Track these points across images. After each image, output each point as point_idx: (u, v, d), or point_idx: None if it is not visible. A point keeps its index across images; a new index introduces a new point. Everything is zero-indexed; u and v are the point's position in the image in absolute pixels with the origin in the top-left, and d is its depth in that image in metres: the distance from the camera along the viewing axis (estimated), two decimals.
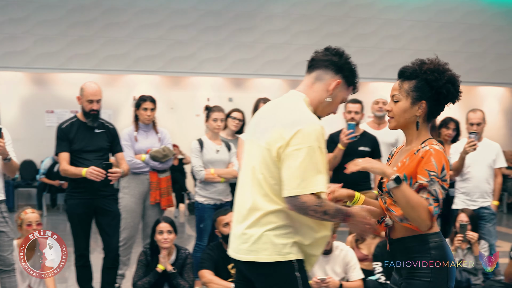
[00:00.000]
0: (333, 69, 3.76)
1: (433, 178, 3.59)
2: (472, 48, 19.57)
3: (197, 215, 8.25)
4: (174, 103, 18.06)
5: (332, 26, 18.58)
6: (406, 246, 3.77)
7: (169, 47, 17.67)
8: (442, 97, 3.74)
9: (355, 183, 8.21)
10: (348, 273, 7.40)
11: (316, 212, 3.52)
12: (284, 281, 3.58)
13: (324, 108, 3.79)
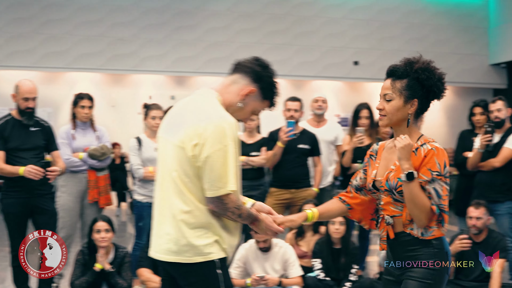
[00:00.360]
0: (251, 77, 3.77)
1: (434, 177, 3.65)
2: (413, 47, 19.62)
3: (136, 213, 8.23)
4: (115, 101, 18.00)
5: (274, 25, 18.65)
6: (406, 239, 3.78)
7: (110, 44, 17.56)
8: (431, 94, 3.79)
9: (294, 180, 8.32)
10: (288, 270, 7.44)
11: (233, 213, 3.60)
12: (206, 279, 3.60)
13: (234, 112, 3.77)
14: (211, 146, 3.52)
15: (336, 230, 7.54)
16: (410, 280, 3.74)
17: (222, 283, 3.61)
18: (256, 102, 3.82)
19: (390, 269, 3.94)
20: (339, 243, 7.62)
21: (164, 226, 3.68)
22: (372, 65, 19.42)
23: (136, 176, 8.09)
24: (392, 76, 3.82)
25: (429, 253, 3.73)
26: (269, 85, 3.81)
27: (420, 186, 3.66)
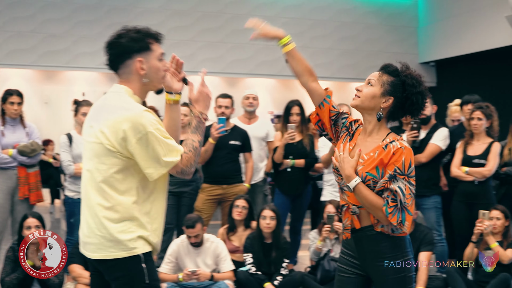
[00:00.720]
0: (125, 56, 3.70)
1: (396, 175, 3.73)
2: (345, 45, 19.98)
3: (67, 210, 8.18)
4: (48, 97, 17.82)
5: (207, 23, 18.67)
6: (372, 234, 3.86)
7: (42, 40, 17.35)
8: (408, 103, 3.88)
9: (226, 176, 8.36)
10: (219, 265, 7.50)
11: (192, 166, 3.62)
12: (131, 273, 3.60)
13: (150, 86, 3.79)
14: (134, 138, 3.51)
15: (267, 225, 7.61)
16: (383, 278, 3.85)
17: (147, 277, 3.62)
18: (151, 58, 3.73)
19: (349, 259, 4.01)
20: (270, 238, 7.69)
21: (89, 223, 3.67)
22: None
23: (67, 173, 8.03)
24: (384, 69, 3.94)
25: (395, 251, 3.82)
26: (135, 40, 3.68)
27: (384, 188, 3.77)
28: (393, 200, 3.72)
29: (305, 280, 7.66)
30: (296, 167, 8.45)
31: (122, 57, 3.70)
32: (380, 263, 3.83)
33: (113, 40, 3.71)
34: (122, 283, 3.62)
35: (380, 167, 3.78)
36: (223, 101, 8.44)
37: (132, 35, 3.69)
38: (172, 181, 8.29)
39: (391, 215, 3.71)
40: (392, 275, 3.80)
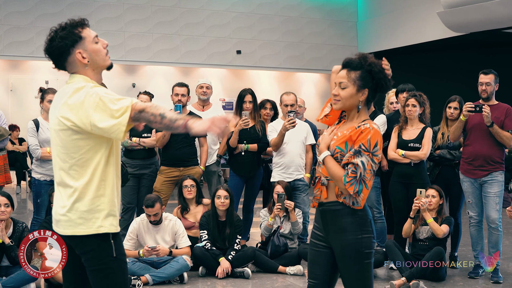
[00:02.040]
0: (64, 53, 3.60)
1: (360, 151, 3.76)
2: (290, 38, 20.07)
3: (33, 190, 8.06)
4: (13, 85, 17.65)
5: (163, 16, 18.64)
6: (336, 209, 3.87)
7: (7, 32, 17.20)
8: (379, 87, 3.91)
9: (182, 159, 8.39)
10: (177, 241, 7.51)
11: (155, 116, 3.43)
12: (100, 248, 3.57)
13: (97, 67, 3.68)
14: (91, 108, 3.43)
15: (221, 204, 7.63)
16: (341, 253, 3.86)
17: (115, 251, 3.58)
18: (89, 47, 3.62)
19: (317, 233, 4.03)
20: (224, 216, 7.71)
21: (60, 203, 3.63)
22: (253, 54, 19.65)
23: (34, 156, 7.89)
24: (347, 67, 3.92)
25: (356, 227, 3.83)
26: (66, 37, 3.55)
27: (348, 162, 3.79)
28: (353, 172, 3.74)
29: (256, 254, 7.69)
30: (249, 151, 8.48)
31: (63, 57, 3.61)
32: (341, 237, 3.84)
33: (47, 46, 3.63)
34: (91, 257, 3.59)
35: (349, 142, 3.81)
36: (179, 89, 8.40)
37: (61, 34, 3.59)
38: (132, 164, 8.37)
39: (349, 184, 3.74)
40: (352, 249, 3.82)
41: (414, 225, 7.40)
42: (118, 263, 3.61)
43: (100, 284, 3.61)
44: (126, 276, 3.70)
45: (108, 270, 3.58)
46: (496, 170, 7.30)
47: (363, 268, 3.84)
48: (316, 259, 4.00)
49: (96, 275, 3.60)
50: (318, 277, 3.97)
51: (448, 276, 7.45)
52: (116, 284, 3.62)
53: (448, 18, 16.03)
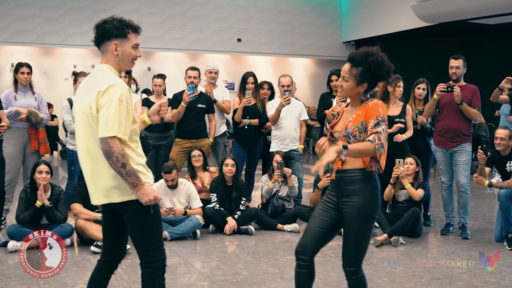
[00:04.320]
0: (105, 38, 3.63)
1: (379, 122, 3.74)
2: (283, 28, 19.98)
3: (68, 159, 8.08)
4: (46, 69, 17.59)
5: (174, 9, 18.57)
6: (352, 175, 3.82)
7: (40, 23, 17.13)
8: (378, 80, 3.87)
9: (194, 132, 8.40)
10: (191, 203, 7.49)
11: (117, 160, 3.43)
12: (139, 207, 3.55)
13: (121, 66, 3.69)
14: (103, 99, 3.45)
15: (229, 171, 7.61)
16: (350, 212, 3.80)
17: (152, 208, 3.58)
18: (126, 44, 3.66)
19: (330, 197, 3.96)
20: (231, 181, 7.68)
21: (94, 177, 3.61)
22: (252, 42, 19.59)
23: (68, 130, 7.92)
24: (351, 62, 3.87)
25: (368, 190, 3.80)
26: (116, 28, 3.62)
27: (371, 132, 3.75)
28: (378, 139, 3.72)
29: (258, 214, 7.68)
30: (251, 125, 8.49)
31: (103, 38, 3.64)
32: (354, 199, 3.79)
33: (99, 24, 3.67)
34: (132, 215, 3.60)
35: (363, 120, 3.79)
36: (192, 72, 8.37)
37: (115, 23, 3.64)
38: (151, 136, 8.36)
39: (378, 152, 3.72)
40: (359, 211, 3.77)
41: (394, 189, 7.38)
42: (154, 218, 3.63)
43: (139, 236, 3.64)
44: (161, 229, 3.72)
45: (146, 225, 3.60)
46: (465, 141, 7.30)
47: (365, 230, 3.81)
48: (320, 216, 3.94)
49: (136, 228, 3.62)
50: (315, 231, 3.92)
51: (423, 233, 7.46)
52: (153, 236, 3.64)
53: (420, 11, 15.96)
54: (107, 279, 3.91)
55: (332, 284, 5.28)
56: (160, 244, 3.67)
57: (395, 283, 5.41)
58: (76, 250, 6.72)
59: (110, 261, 3.88)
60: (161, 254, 3.66)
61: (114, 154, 3.42)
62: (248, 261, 6.22)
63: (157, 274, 3.64)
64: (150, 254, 3.63)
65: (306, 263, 3.95)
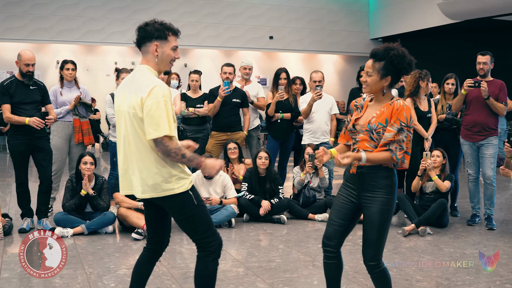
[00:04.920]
0: (147, 39, 3.64)
1: (403, 128, 3.70)
2: (313, 26, 19.89)
3: (111, 151, 8.17)
4: (89, 66, 17.75)
5: (210, 8, 18.65)
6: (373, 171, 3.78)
7: (84, 22, 17.34)
8: (400, 73, 3.81)
9: (229, 126, 8.41)
10: (226, 193, 7.48)
11: (176, 154, 3.49)
12: (182, 201, 3.58)
13: (160, 66, 3.69)
14: (148, 101, 3.45)
15: (262, 163, 7.61)
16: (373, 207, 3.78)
17: (195, 199, 3.60)
18: (165, 46, 3.67)
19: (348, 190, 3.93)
20: (264, 173, 7.68)
21: (139, 173, 3.59)
22: (283, 39, 19.54)
23: (111, 123, 8.06)
24: (373, 57, 3.83)
25: (389, 186, 3.77)
26: (158, 30, 3.63)
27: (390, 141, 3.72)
28: (400, 149, 3.71)
29: (291, 204, 7.67)
30: (284, 119, 8.44)
31: (145, 40, 3.66)
32: (376, 196, 3.77)
33: (142, 26, 3.69)
34: (177, 209, 3.62)
35: (388, 118, 3.74)
36: (227, 69, 8.37)
37: (156, 25, 3.66)
38: (188, 129, 8.39)
39: (401, 160, 3.72)
40: (380, 206, 3.75)
41: (421, 181, 7.30)
42: (200, 208, 3.64)
43: (191, 227, 3.67)
44: (209, 216, 3.70)
45: (195, 216, 3.62)
46: (491, 135, 7.19)
47: (385, 223, 3.78)
48: (340, 208, 3.92)
49: (185, 221, 3.66)
50: (337, 223, 3.92)
51: (449, 223, 7.37)
52: (204, 224, 3.65)
53: (446, 8, 15.76)
54: (152, 265, 3.94)
55: (362, 272, 5.24)
56: (213, 229, 3.69)
57: (423, 272, 5.35)
58: (118, 237, 6.77)
59: (155, 249, 3.91)
60: (216, 238, 3.68)
61: (172, 151, 3.47)
62: (280, 248, 6.21)
63: (212, 257, 3.66)
64: (206, 240, 3.65)
65: (334, 254, 3.97)
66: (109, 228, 6.88)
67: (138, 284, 3.90)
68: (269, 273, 5.29)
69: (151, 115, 3.45)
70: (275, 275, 5.24)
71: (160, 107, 3.45)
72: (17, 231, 6.86)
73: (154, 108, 3.45)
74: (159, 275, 5.19)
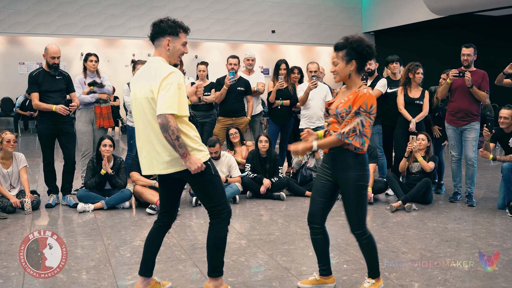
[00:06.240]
0: (160, 34, 3.64)
1: (360, 112, 3.66)
2: (311, 21, 19.72)
3: (128, 134, 8.13)
4: (109, 57, 17.68)
5: (218, 5, 18.46)
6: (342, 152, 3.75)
7: (105, 18, 17.25)
8: (363, 56, 3.77)
9: (234, 111, 8.36)
10: (231, 172, 7.44)
11: (173, 133, 3.42)
12: (202, 172, 3.55)
13: (171, 59, 3.68)
14: (165, 82, 3.45)
15: (263, 146, 7.56)
16: (346, 184, 3.76)
17: (212, 169, 3.63)
18: (176, 42, 3.67)
19: (325, 170, 3.91)
20: (265, 154, 7.63)
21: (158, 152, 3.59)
22: (284, 33, 19.39)
23: (128, 110, 8.09)
24: (336, 49, 3.81)
25: (358, 165, 3.74)
26: (171, 27, 3.65)
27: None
28: (353, 131, 3.65)
29: (289, 182, 7.62)
30: (284, 105, 8.37)
31: (158, 34, 3.67)
32: (347, 173, 3.75)
33: (156, 22, 3.69)
34: (197, 179, 3.62)
35: (351, 104, 3.70)
36: (232, 60, 8.31)
37: (169, 23, 3.67)
38: (198, 114, 8.33)
39: (354, 140, 3.66)
40: (354, 182, 3.73)
41: (408, 162, 7.23)
42: (216, 178, 3.67)
43: (208, 194, 3.67)
44: (223, 186, 3.71)
45: (212, 184, 3.64)
46: (474, 120, 7.08)
47: (361, 196, 3.77)
48: (320, 188, 3.92)
49: (204, 189, 3.66)
50: (318, 201, 3.92)
51: (433, 200, 7.32)
52: (219, 192, 3.68)
53: (432, 4, 15.58)
54: (162, 237, 3.94)
55: (353, 244, 5.19)
56: (225, 198, 3.71)
57: (408, 244, 5.30)
58: (134, 211, 6.74)
59: (165, 223, 3.91)
60: (227, 207, 3.71)
61: (171, 128, 3.40)
62: (280, 223, 6.16)
63: (224, 224, 3.69)
64: (219, 208, 3.67)
65: (319, 229, 3.98)
66: (126, 203, 6.87)
67: (151, 254, 3.91)
68: (269, 245, 5.24)
69: (163, 94, 3.44)
70: (274, 247, 5.19)
71: (173, 88, 3.44)
72: (44, 206, 6.88)
73: (167, 87, 3.44)
74: (170, 246, 5.16)
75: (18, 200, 6.55)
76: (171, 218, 3.93)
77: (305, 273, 4.43)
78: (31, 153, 11.67)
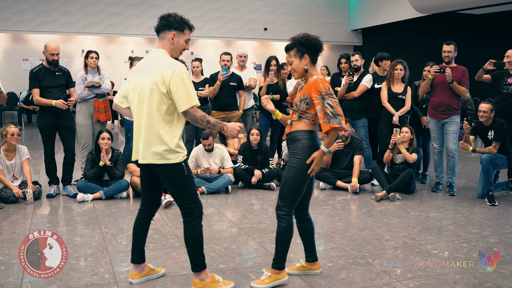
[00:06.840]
0: (166, 28, 3.64)
1: (323, 96, 3.65)
2: (302, 19, 19.65)
3: (126, 127, 8.09)
4: (109, 54, 17.59)
5: (213, 4, 18.36)
6: (293, 137, 3.78)
7: (105, 17, 17.11)
8: (313, 48, 3.77)
9: (227, 105, 8.33)
10: (224, 163, 7.42)
11: (202, 121, 3.54)
12: (175, 169, 3.57)
13: (173, 53, 3.69)
14: (175, 81, 3.46)
15: (254, 139, 7.53)
16: (289, 165, 3.78)
17: (186, 170, 3.60)
18: (181, 37, 3.67)
19: None
20: (256, 146, 7.60)
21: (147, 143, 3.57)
22: (276, 31, 19.30)
23: None
24: (287, 50, 3.84)
25: (305, 149, 3.73)
26: (178, 22, 3.65)
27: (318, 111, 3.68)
28: (325, 114, 3.66)
29: (279, 173, 7.57)
30: (274, 100, 8.30)
31: (165, 28, 3.66)
32: (293, 156, 3.76)
33: (164, 16, 3.70)
34: (169, 177, 3.61)
35: (306, 93, 3.70)
36: (225, 57, 8.29)
37: (177, 18, 3.68)
38: None
39: (331, 123, 3.64)
40: (293, 165, 3.74)
41: (392, 154, 7.22)
42: (189, 178, 3.64)
43: (180, 192, 3.64)
44: (195, 186, 3.69)
45: (185, 184, 3.61)
46: (454, 114, 7.07)
47: (298, 180, 3.73)
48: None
49: (177, 187, 3.63)
50: None
51: (416, 190, 7.32)
52: (191, 191, 3.65)
53: (416, 3, 15.54)
54: (148, 224, 3.93)
55: (339, 232, 5.19)
56: (197, 197, 3.68)
57: (392, 232, 5.29)
58: (131, 201, 6.71)
59: (148, 210, 3.89)
60: (198, 205, 3.68)
61: (199, 118, 3.52)
62: (270, 212, 6.14)
63: (197, 221, 3.66)
64: (191, 206, 3.65)
65: (304, 217, 4.04)
66: (123, 194, 6.84)
67: (138, 242, 3.91)
68: (259, 233, 5.23)
69: (179, 92, 3.46)
70: (264, 235, 5.18)
71: (185, 83, 3.47)
72: (45, 196, 6.85)
73: (180, 85, 3.46)
74: (165, 235, 5.14)
75: (20, 190, 6.53)
76: (154, 205, 3.90)
77: (293, 259, 4.43)
78: (34, 146, 11.61)
